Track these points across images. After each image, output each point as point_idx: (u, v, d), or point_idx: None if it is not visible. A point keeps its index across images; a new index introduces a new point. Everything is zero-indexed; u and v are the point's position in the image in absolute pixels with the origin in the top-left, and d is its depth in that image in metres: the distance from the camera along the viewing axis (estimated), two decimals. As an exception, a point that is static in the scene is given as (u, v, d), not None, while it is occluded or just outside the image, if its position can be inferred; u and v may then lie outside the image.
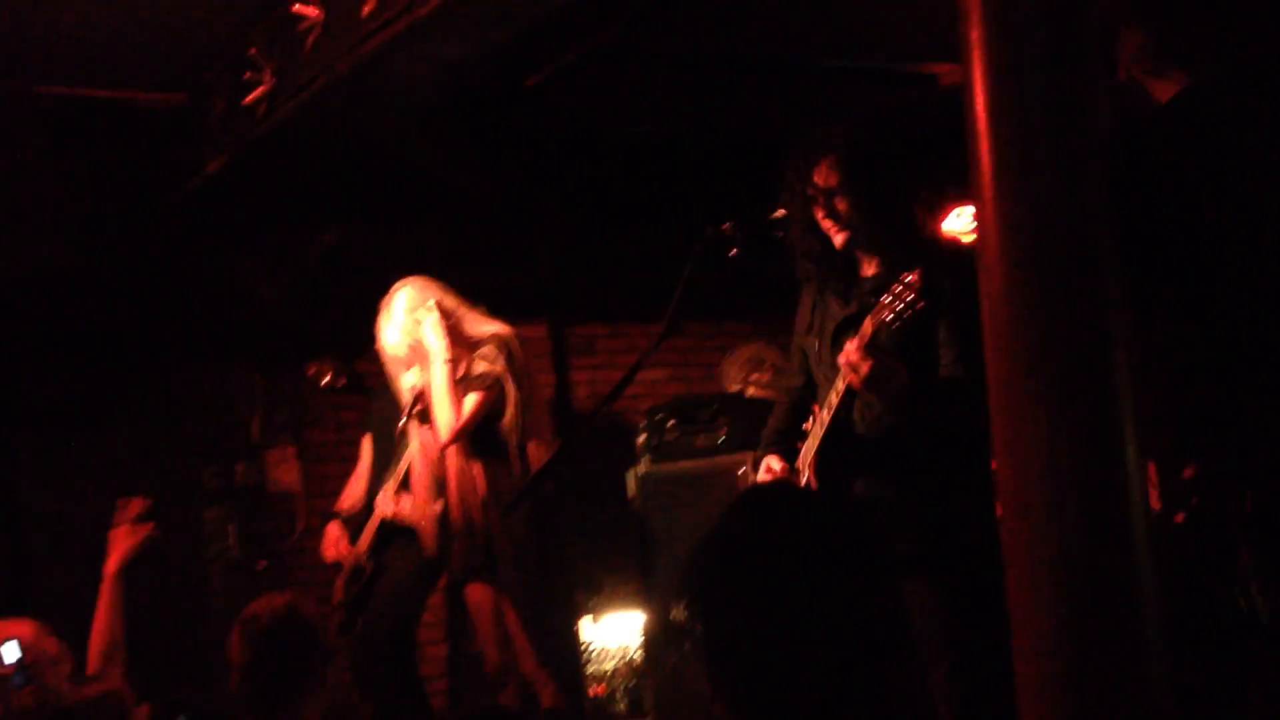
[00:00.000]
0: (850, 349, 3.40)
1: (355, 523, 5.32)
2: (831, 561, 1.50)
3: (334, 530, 5.21)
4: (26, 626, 3.41)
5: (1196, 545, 2.86)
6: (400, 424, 4.88)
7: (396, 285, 4.95)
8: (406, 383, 4.91)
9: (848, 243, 3.60)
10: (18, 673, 3.31)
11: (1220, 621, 2.95)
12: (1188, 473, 2.75)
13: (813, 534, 1.52)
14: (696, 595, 1.54)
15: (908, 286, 3.27)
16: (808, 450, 3.68)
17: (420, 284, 4.93)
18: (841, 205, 3.56)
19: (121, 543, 4.05)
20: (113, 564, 4.04)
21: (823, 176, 3.57)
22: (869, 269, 3.65)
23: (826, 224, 3.60)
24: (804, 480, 3.69)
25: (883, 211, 3.51)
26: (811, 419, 3.71)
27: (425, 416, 4.88)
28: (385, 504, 5.07)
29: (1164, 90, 3.04)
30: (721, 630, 1.52)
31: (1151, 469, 2.67)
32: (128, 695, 3.49)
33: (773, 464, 3.81)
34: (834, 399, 3.55)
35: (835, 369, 3.55)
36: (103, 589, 3.94)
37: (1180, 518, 2.87)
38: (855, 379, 3.38)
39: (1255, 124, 2.96)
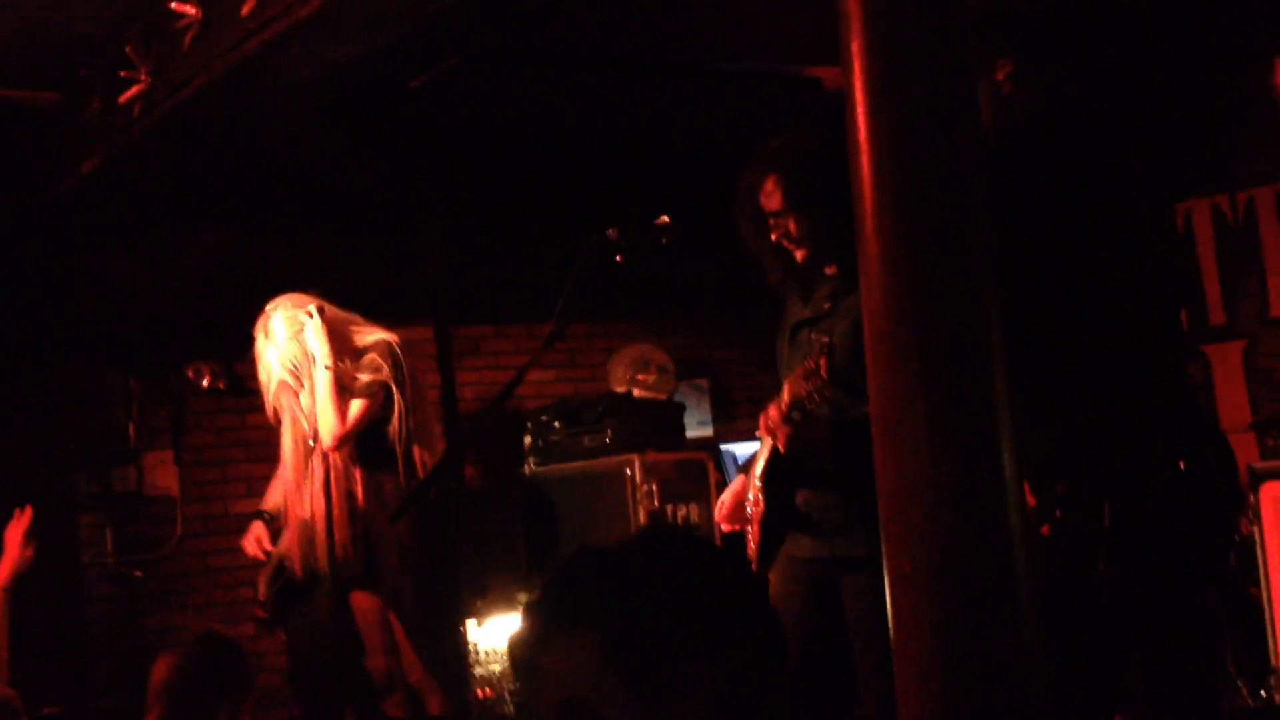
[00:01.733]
0: (769, 415, 3.48)
1: (278, 523, 5.22)
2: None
3: (257, 528, 5.11)
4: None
5: (1058, 555, 2.93)
6: (309, 446, 4.79)
7: (268, 308, 4.85)
8: (305, 403, 4.81)
9: (806, 257, 3.61)
10: None
11: (1079, 629, 3.04)
12: (1059, 488, 2.82)
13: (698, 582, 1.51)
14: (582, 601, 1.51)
15: (815, 371, 3.31)
16: (758, 463, 3.69)
17: (295, 299, 4.86)
18: (793, 225, 3.57)
19: (12, 555, 3.94)
20: (4, 577, 3.92)
21: (768, 198, 3.57)
22: (831, 269, 3.65)
23: (785, 244, 3.60)
24: (753, 493, 3.69)
25: (834, 221, 3.48)
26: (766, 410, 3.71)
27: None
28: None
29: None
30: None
31: (1026, 486, 2.74)
32: (18, 703, 3.42)
33: (725, 495, 3.87)
34: (769, 424, 3.56)
35: (794, 367, 3.56)
36: None
37: (1045, 529, 2.95)
38: (778, 444, 3.45)
39: (1101, 143, 3.06)
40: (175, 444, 6.66)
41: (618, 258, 3.58)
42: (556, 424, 6.50)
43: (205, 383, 6.48)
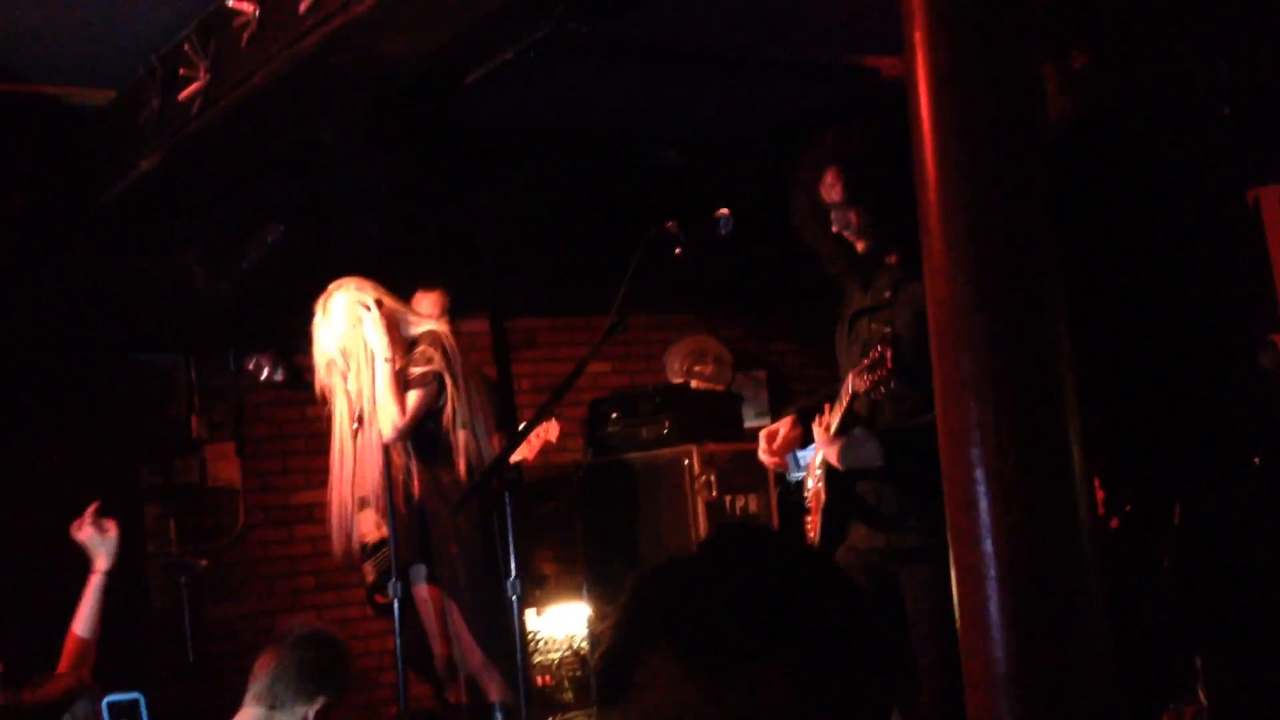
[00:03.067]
0: (819, 435, 3.49)
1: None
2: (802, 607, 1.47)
3: (371, 515, 5.16)
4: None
5: (1125, 549, 2.91)
6: (353, 428, 4.82)
7: (331, 288, 4.89)
8: (352, 387, 4.85)
9: (867, 248, 3.57)
10: None
11: (1140, 624, 3.01)
12: (1129, 485, 2.80)
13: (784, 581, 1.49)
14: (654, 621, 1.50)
15: (880, 361, 3.28)
16: (819, 451, 3.67)
17: (355, 285, 4.89)
18: (854, 217, 3.53)
19: (102, 540, 4.04)
20: (103, 562, 4.01)
21: (829, 189, 3.54)
22: (892, 258, 3.61)
23: (846, 235, 3.57)
24: (811, 481, 3.69)
25: (894, 212, 3.44)
26: (822, 418, 3.69)
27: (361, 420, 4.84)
28: (371, 531, 5.10)
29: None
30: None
31: (1096, 483, 2.72)
32: (98, 689, 3.48)
33: (781, 426, 3.82)
34: (840, 409, 3.55)
35: (854, 358, 3.56)
36: (89, 591, 3.90)
37: (1115, 523, 2.92)
38: (833, 462, 3.43)
39: (1169, 133, 3.02)
40: (237, 436, 6.73)
41: (676, 250, 3.57)
42: (614, 415, 6.50)
43: (265, 375, 6.57)
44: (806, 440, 3.79)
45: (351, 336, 4.81)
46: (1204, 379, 2.88)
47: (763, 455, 3.84)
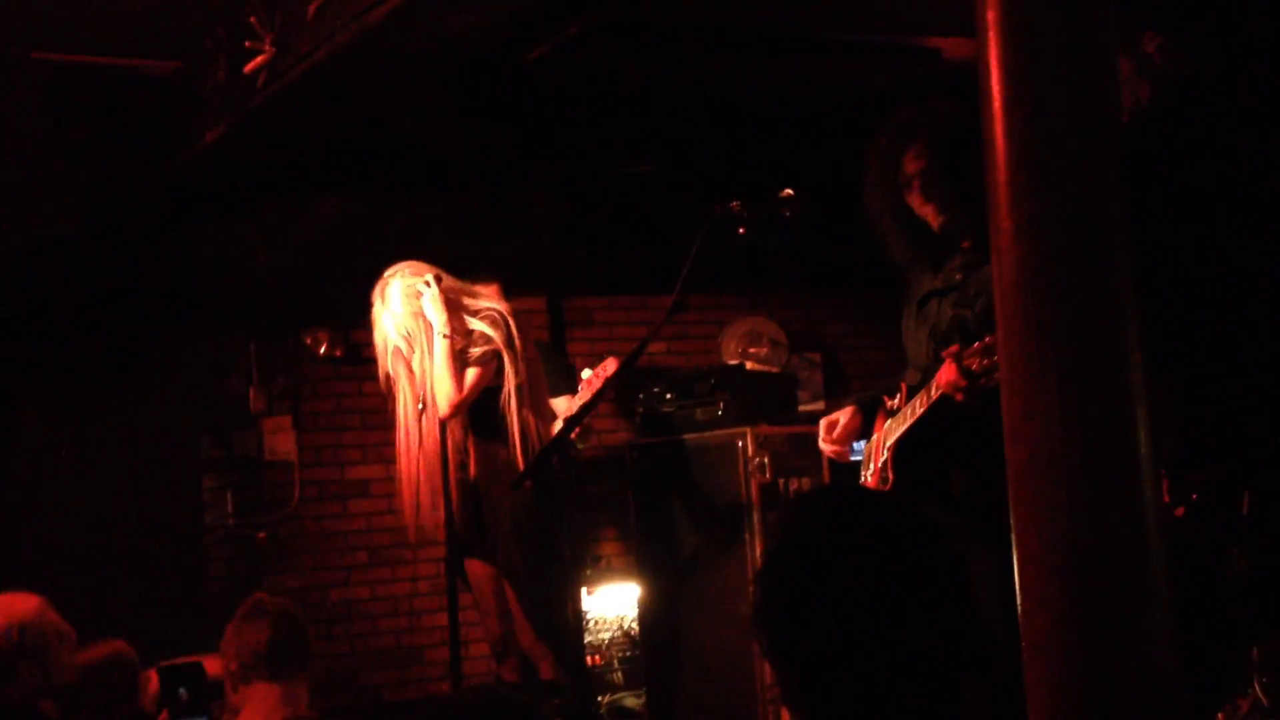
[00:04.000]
0: (948, 372, 3.33)
1: None
2: (899, 569, 1.49)
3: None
4: (32, 602, 3.39)
5: (1191, 540, 2.87)
6: (418, 409, 4.84)
7: (387, 274, 4.90)
8: (416, 369, 4.86)
9: (945, 224, 3.53)
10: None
11: (1204, 616, 2.98)
12: (1196, 474, 2.76)
13: (881, 540, 1.51)
14: (763, 606, 1.53)
15: (994, 347, 3.21)
16: (890, 433, 3.64)
17: (413, 267, 4.90)
18: (936, 189, 3.49)
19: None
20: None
21: (912, 162, 3.49)
22: (965, 242, 3.57)
23: (925, 210, 3.52)
24: (881, 461, 3.66)
25: (975, 187, 3.40)
26: (899, 398, 3.64)
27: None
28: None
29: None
30: (786, 640, 1.52)
31: (1162, 471, 2.68)
32: (131, 654, 3.53)
33: (841, 415, 3.78)
34: (926, 400, 3.46)
35: (922, 340, 3.52)
36: None
37: (1180, 512, 2.89)
38: (958, 397, 3.33)
39: (1249, 121, 2.97)
40: (294, 410, 6.77)
41: (740, 229, 3.56)
42: (668, 395, 6.50)
43: (323, 350, 6.62)
44: (865, 432, 3.78)
45: (412, 319, 4.82)
46: (1277, 365, 2.84)
47: (823, 444, 3.82)
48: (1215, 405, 2.86)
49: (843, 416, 3.79)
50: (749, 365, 7.03)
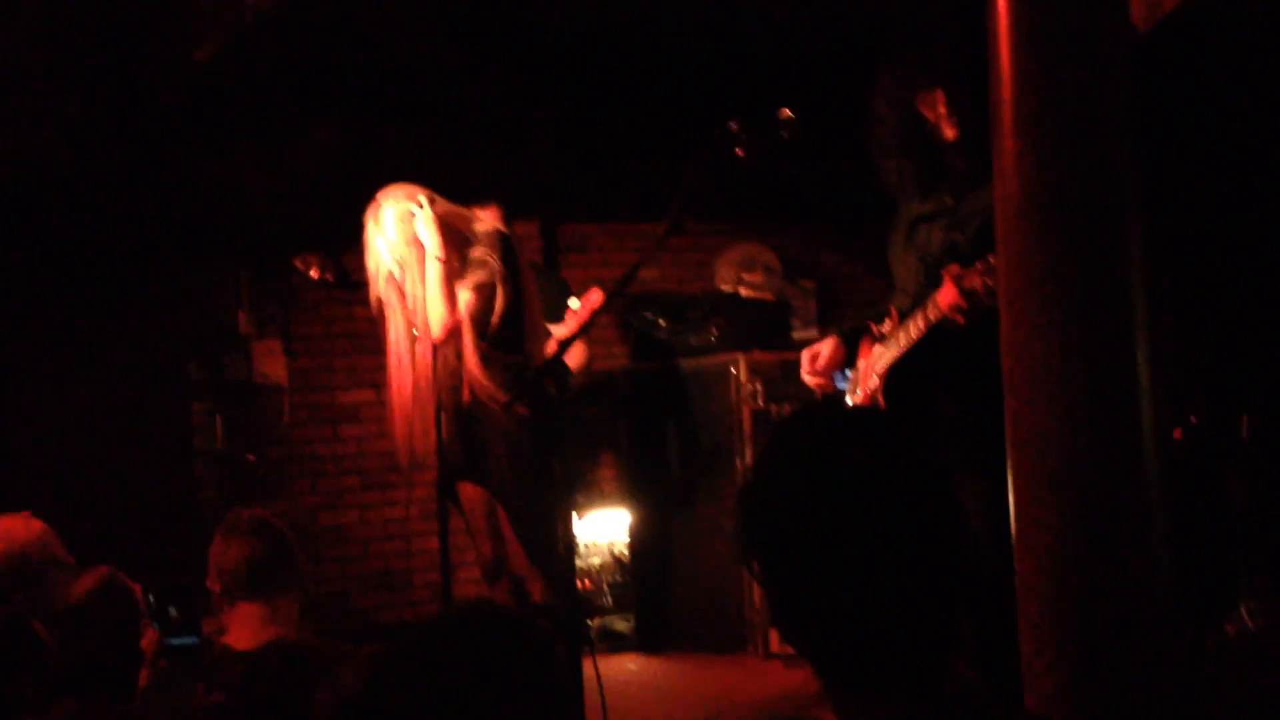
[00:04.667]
0: (949, 294, 3.26)
1: None
2: (887, 484, 1.47)
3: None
4: (35, 528, 3.36)
5: (1189, 461, 2.87)
6: (412, 336, 4.80)
7: (379, 197, 4.84)
8: (410, 293, 4.82)
9: (959, 136, 3.44)
10: None
11: (1202, 536, 2.98)
12: (1196, 397, 2.75)
13: (869, 456, 1.49)
14: (749, 522, 1.51)
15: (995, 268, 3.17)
16: (879, 359, 3.61)
17: (406, 190, 4.84)
18: (960, 100, 3.38)
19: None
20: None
21: (926, 70, 3.41)
22: (960, 166, 3.52)
23: (946, 122, 3.42)
24: (871, 388, 3.64)
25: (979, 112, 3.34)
26: (888, 323, 3.61)
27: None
28: None
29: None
30: (772, 558, 1.50)
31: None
32: (124, 578, 3.47)
33: (824, 346, 3.76)
34: (922, 323, 3.41)
35: (911, 266, 3.49)
36: None
37: (1179, 434, 2.88)
38: (959, 319, 3.27)
39: (1252, 40, 2.93)
40: (284, 334, 6.75)
41: (738, 151, 3.51)
42: (662, 321, 6.48)
43: (314, 274, 6.55)
44: (849, 362, 3.76)
45: (405, 245, 4.77)
46: (1278, 291, 2.83)
47: (805, 375, 3.80)
48: (1217, 329, 2.85)
49: (825, 347, 3.77)
50: (743, 292, 7.01)
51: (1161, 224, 2.83)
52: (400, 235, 4.77)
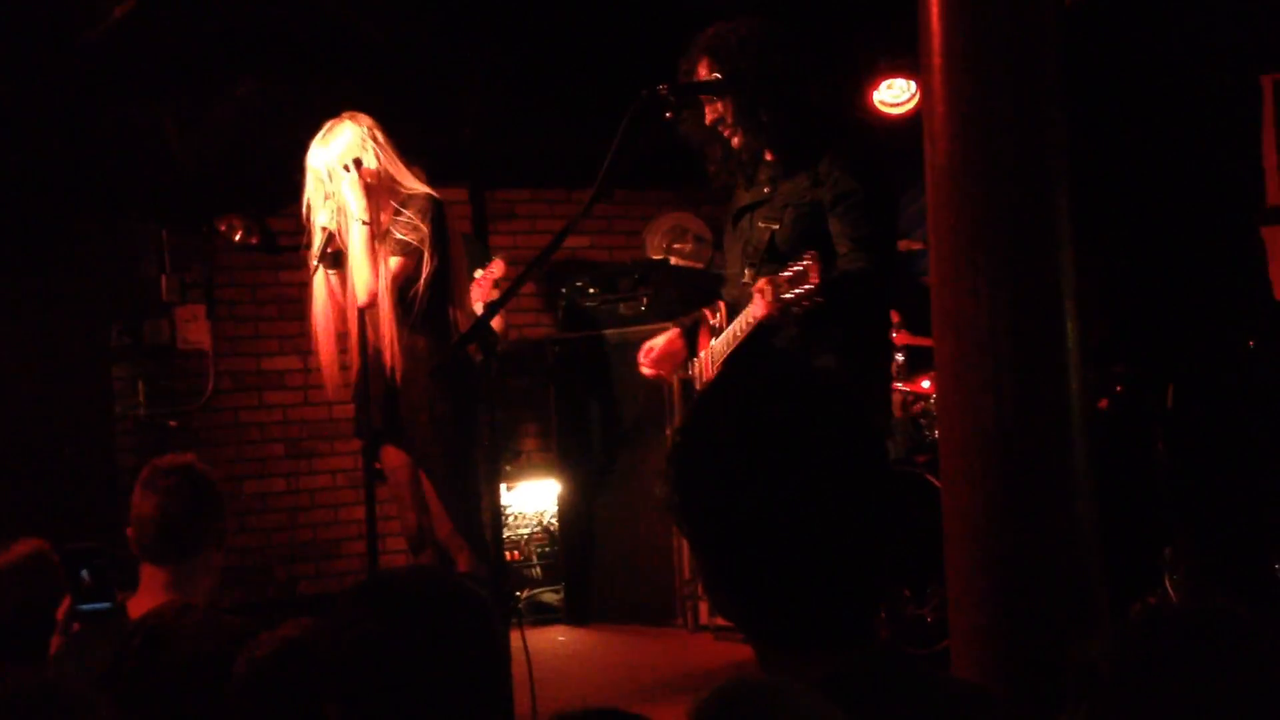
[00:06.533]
0: (763, 308, 3.37)
1: None
2: (815, 438, 1.45)
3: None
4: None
5: (1115, 431, 2.88)
6: (313, 265, 4.71)
7: (343, 115, 4.72)
8: (319, 220, 4.71)
9: (743, 142, 3.59)
10: None
11: (1130, 502, 2.99)
12: (1118, 366, 2.76)
13: (796, 409, 1.48)
14: (678, 482, 1.50)
15: (804, 275, 3.19)
16: (716, 352, 3.74)
17: (365, 126, 4.72)
18: (723, 107, 3.56)
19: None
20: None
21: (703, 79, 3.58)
22: (769, 155, 3.67)
23: (720, 129, 3.62)
24: (703, 375, 3.83)
25: (768, 104, 3.49)
26: (719, 316, 3.78)
27: (336, 262, 4.72)
28: None
29: None
30: (704, 518, 1.49)
31: None
32: (52, 554, 3.34)
33: (662, 340, 3.98)
34: (745, 326, 3.56)
35: (740, 256, 3.64)
36: None
37: (1104, 404, 2.89)
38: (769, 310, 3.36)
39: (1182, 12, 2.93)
40: (208, 299, 6.63)
41: (667, 114, 3.49)
42: (592, 290, 6.43)
43: (237, 237, 6.44)
44: (691, 352, 4.00)
45: (335, 176, 4.66)
46: (1202, 259, 2.83)
47: (643, 368, 4.06)
48: (1142, 296, 2.86)
49: (660, 340, 4.00)
50: (673, 260, 6.97)
51: (1089, 194, 2.83)
52: (339, 156, 4.65)
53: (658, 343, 4.01)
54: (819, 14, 3.82)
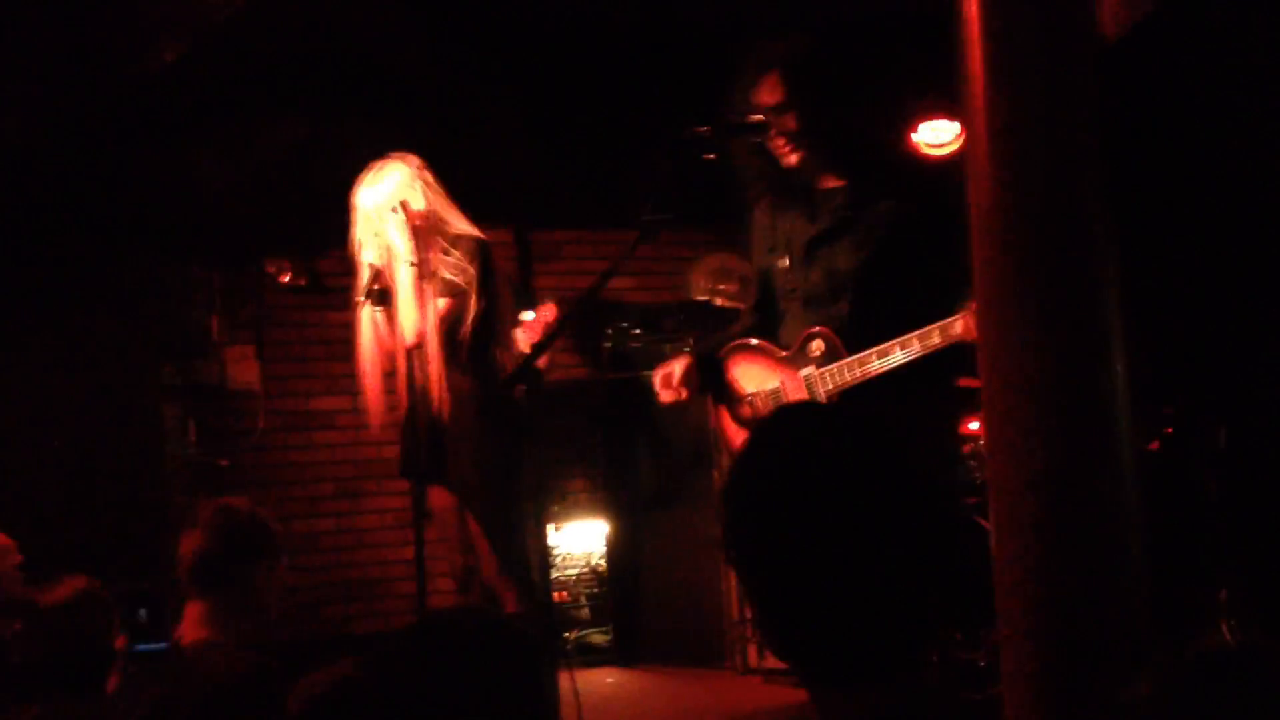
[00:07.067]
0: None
1: None
2: (866, 479, 1.46)
3: None
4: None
5: (1166, 472, 2.85)
6: (357, 300, 4.74)
7: (392, 156, 4.76)
8: (365, 257, 4.74)
9: (802, 162, 3.52)
10: None
11: (1183, 544, 2.95)
12: (1166, 408, 2.73)
13: (846, 450, 1.48)
14: (731, 520, 1.52)
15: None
16: (822, 381, 3.60)
17: (414, 167, 4.76)
18: (790, 124, 3.48)
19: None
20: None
21: (767, 94, 3.49)
22: (829, 182, 3.58)
23: (776, 143, 3.51)
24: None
25: (835, 125, 3.44)
26: (818, 344, 3.62)
27: (381, 299, 4.74)
28: None
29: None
30: (756, 555, 1.50)
31: None
32: (101, 590, 3.38)
33: (675, 367, 3.87)
34: (921, 345, 3.43)
35: (809, 288, 3.54)
36: None
37: (1155, 445, 2.86)
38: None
39: (1224, 47, 2.91)
40: (257, 339, 6.69)
41: (709, 155, 3.49)
42: (636, 331, 6.45)
43: (286, 278, 6.50)
44: (708, 382, 3.92)
45: (382, 218, 4.69)
46: (1251, 296, 2.80)
47: (664, 395, 3.95)
48: (1192, 337, 2.83)
49: (679, 366, 3.89)
50: (717, 301, 6.97)
51: (1136, 233, 2.81)
52: (387, 198, 4.68)
53: (678, 368, 3.91)
54: (856, 53, 3.77)
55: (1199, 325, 2.84)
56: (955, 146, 5.72)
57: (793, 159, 3.53)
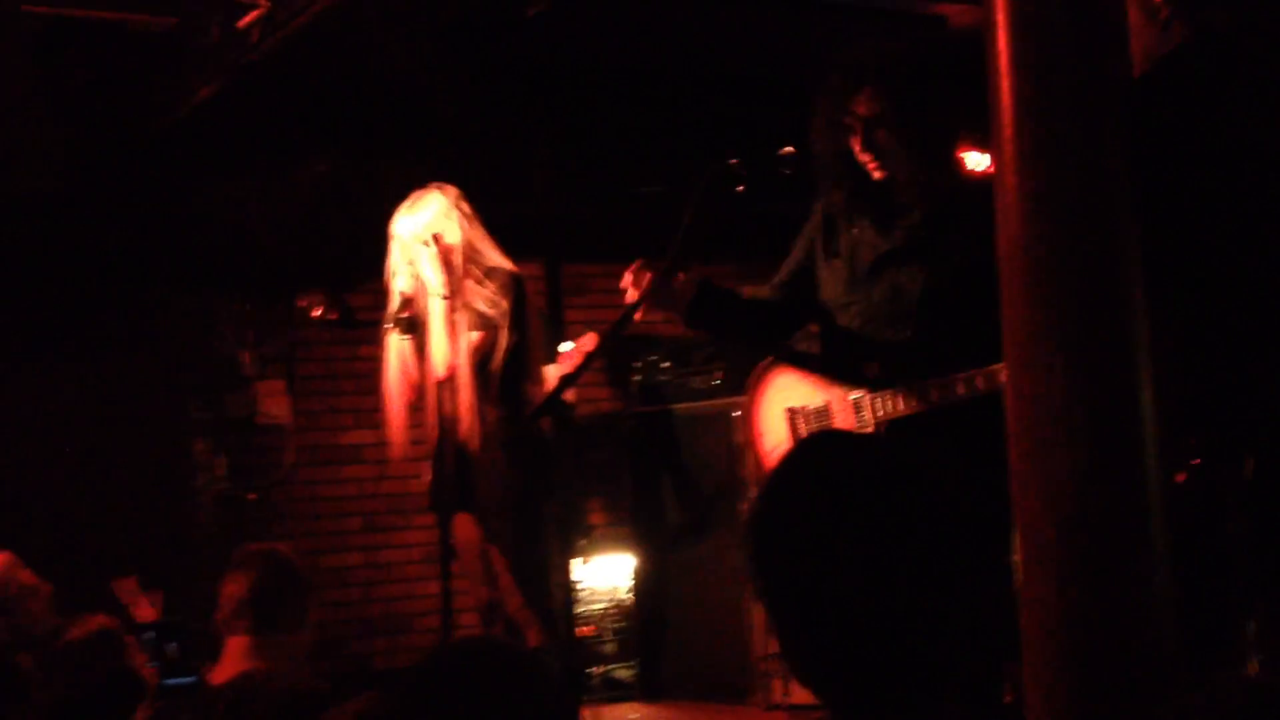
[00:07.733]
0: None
1: None
2: (894, 510, 1.46)
3: None
4: (1, 557, 3.33)
5: (1192, 504, 2.82)
6: (385, 327, 4.76)
7: (431, 185, 4.80)
8: (397, 285, 4.77)
9: (888, 175, 3.41)
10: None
11: (1210, 577, 2.93)
12: (1192, 439, 2.70)
13: (874, 481, 1.48)
14: (757, 551, 1.51)
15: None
16: (874, 406, 3.50)
17: (451, 197, 4.79)
18: (882, 138, 3.39)
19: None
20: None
21: (864, 105, 3.37)
22: (907, 199, 3.45)
23: (864, 156, 3.40)
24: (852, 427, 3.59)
25: (925, 146, 3.34)
26: (872, 365, 3.55)
27: (409, 328, 4.76)
28: None
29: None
30: (783, 586, 1.49)
31: None
32: (119, 629, 3.42)
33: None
34: (986, 382, 3.30)
35: (871, 306, 3.44)
36: None
37: (1181, 477, 2.83)
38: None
39: (1252, 81, 2.90)
40: (288, 373, 6.72)
41: (739, 188, 3.47)
42: (666, 364, 6.45)
43: (317, 313, 6.53)
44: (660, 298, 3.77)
45: (414, 247, 4.71)
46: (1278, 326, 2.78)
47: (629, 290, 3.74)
48: (1219, 364, 2.81)
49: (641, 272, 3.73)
50: (746, 335, 6.97)
51: (1165, 266, 2.80)
52: (426, 227, 4.71)
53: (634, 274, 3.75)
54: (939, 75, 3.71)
55: (1225, 355, 2.82)
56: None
57: (880, 174, 3.41)
